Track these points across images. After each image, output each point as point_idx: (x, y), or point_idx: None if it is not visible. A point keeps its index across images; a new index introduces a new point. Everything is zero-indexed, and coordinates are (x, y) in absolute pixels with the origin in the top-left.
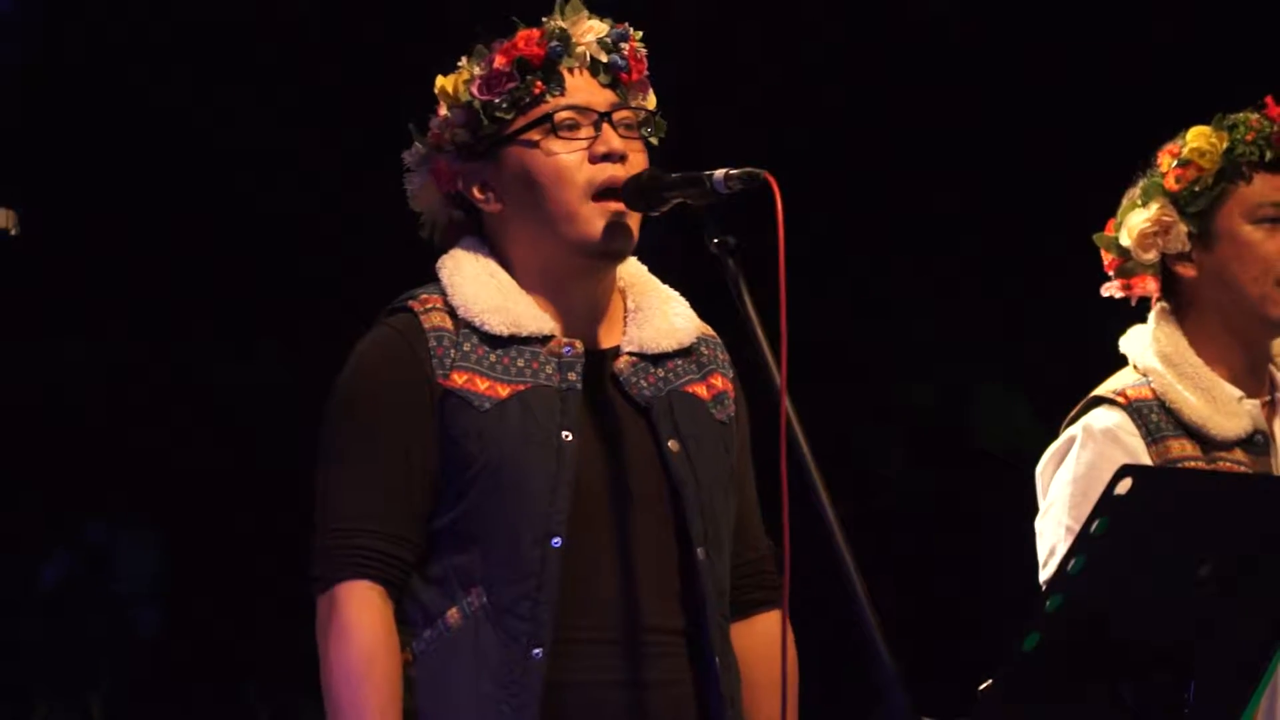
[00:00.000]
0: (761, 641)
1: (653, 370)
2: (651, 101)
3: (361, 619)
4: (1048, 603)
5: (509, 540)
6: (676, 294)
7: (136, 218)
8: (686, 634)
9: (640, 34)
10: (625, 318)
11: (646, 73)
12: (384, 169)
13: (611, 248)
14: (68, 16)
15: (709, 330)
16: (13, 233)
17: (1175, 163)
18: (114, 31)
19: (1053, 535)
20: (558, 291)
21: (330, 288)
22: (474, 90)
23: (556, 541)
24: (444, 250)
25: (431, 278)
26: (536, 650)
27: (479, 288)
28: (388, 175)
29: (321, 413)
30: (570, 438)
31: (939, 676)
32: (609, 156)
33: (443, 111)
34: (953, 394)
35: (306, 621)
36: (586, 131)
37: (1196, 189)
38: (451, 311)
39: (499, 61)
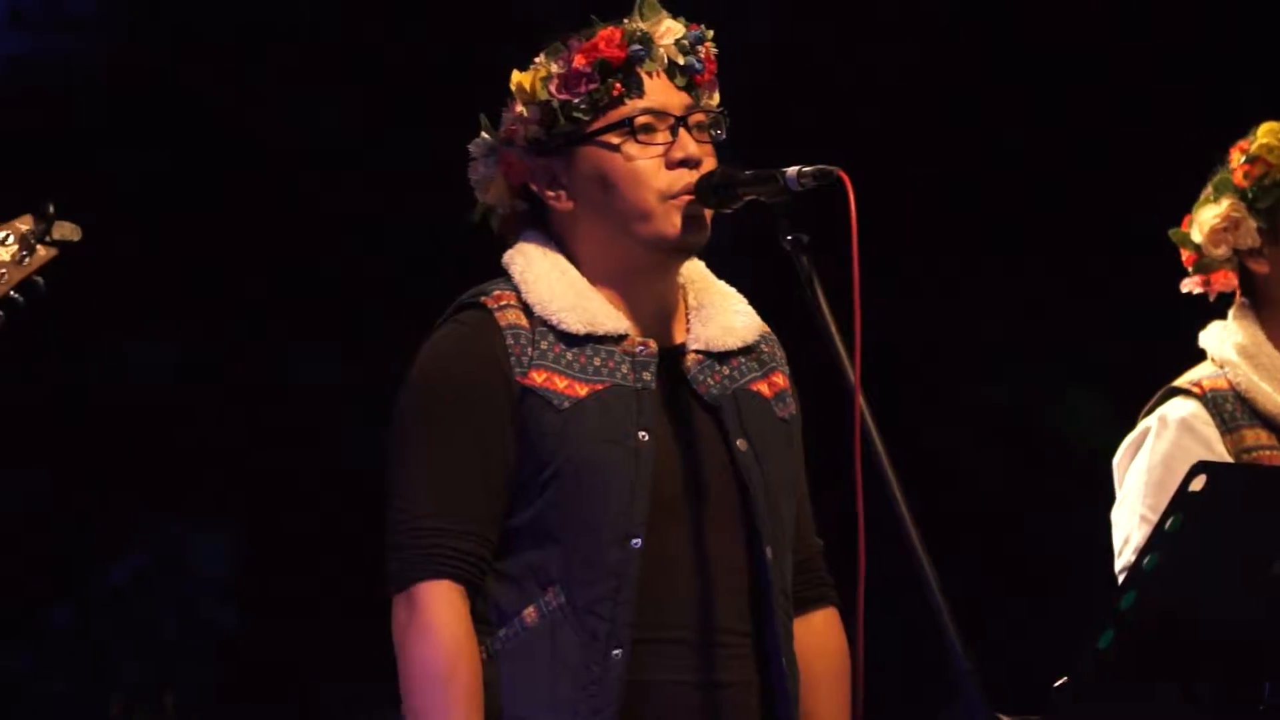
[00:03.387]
0: (818, 638)
1: (718, 368)
2: (716, 99)
3: (444, 619)
4: (1122, 600)
5: (588, 540)
6: (735, 291)
7: (214, 217)
8: (751, 634)
9: (711, 33)
10: (687, 315)
11: (715, 72)
12: (456, 167)
13: (687, 242)
14: (142, 16)
15: (765, 328)
16: (76, 240)
17: (1244, 159)
18: (184, 31)
19: (1127, 524)
20: (626, 289)
21: (406, 287)
22: (552, 89)
23: (636, 542)
24: (504, 239)
25: (500, 274)
26: (616, 650)
27: (552, 285)
28: (459, 174)
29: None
30: (647, 438)
31: (1013, 673)
32: (685, 162)
33: (518, 107)
34: (1027, 393)
35: (383, 621)
36: (663, 136)
37: (1265, 185)
38: (526, 309)
39: (579, 61)
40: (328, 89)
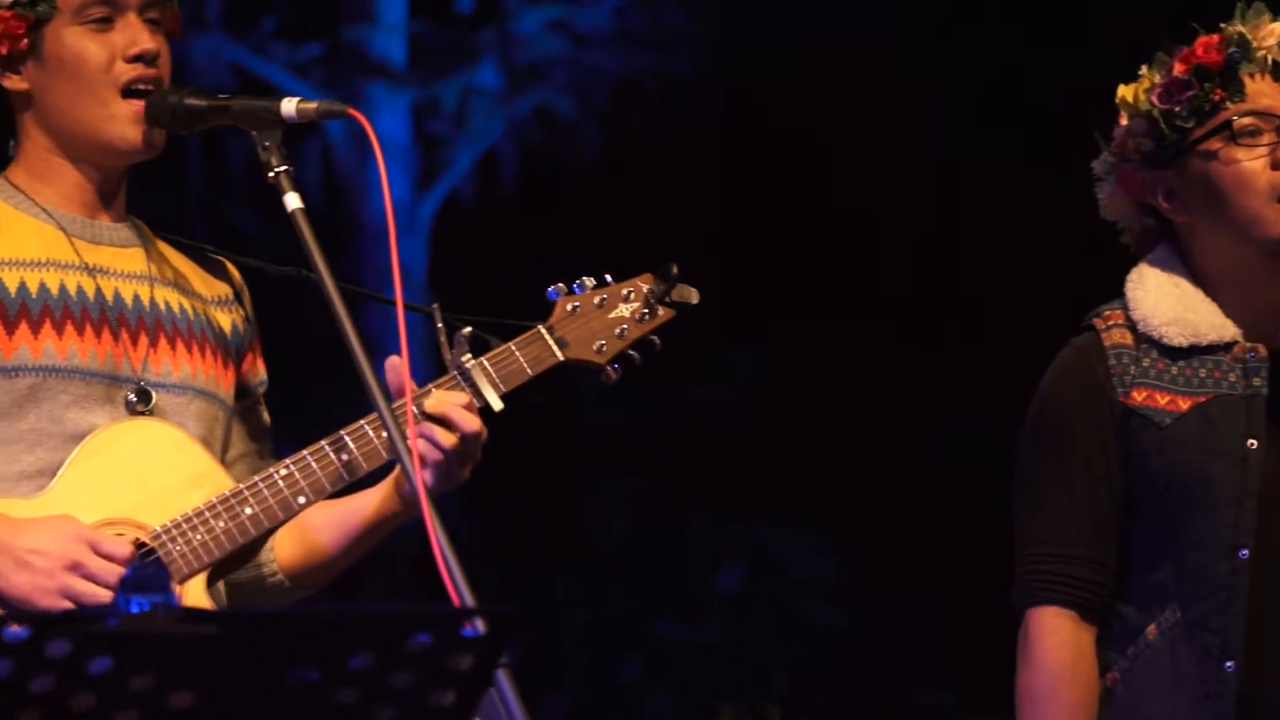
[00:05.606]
0: None
1: None
2: None
3: (1047, 645)
4: None
5: (1197, 555)
6: None
7: (804, 226)
8: None
9: None
10: None
11: None
12: (1070, 176)
13: None
14: (738, 32)
15: None
16: (694, 304)
17: None
18: (776, 49)
19: None
20: (1247, 294)
21: (1012, 293)
22: (1154, 99)
23: (1244, 553)
24: (1141, 258)
25: (1120, 287)
26: (1229, 663)
27: (1159, 300)
28: (1072, 184)
29: (1020, 434)
30: (1256, 445)
31: None
32: None
33: (1124, 121)
34: None
35: (977, 627)
36: (1268, 137)
37: None
38: (1132, 326)
39: (1177, 69)
40: (913, 105)
